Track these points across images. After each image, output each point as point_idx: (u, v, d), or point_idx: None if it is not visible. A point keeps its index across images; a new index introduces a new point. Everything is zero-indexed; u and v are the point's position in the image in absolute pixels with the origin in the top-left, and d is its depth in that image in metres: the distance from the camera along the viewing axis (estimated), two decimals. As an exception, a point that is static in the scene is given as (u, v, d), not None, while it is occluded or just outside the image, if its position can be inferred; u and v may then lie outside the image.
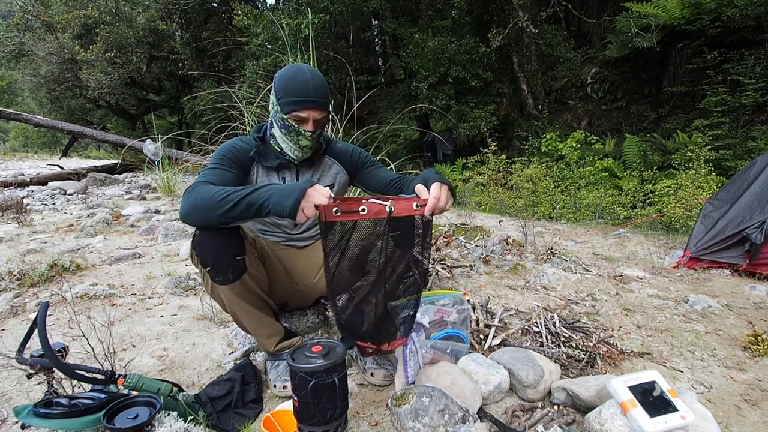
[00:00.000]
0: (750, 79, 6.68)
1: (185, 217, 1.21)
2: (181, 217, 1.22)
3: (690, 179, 5.11)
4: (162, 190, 6.43)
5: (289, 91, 1.36)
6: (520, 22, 8.35)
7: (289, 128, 1.40)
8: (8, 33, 15.02)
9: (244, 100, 3.85)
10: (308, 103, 1.36)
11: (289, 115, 1.37)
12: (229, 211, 1.14)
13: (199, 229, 1.27)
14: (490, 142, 7.46)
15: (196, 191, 1.20)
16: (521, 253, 2.98)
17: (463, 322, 1.51)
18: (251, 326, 1.44)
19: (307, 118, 1.38)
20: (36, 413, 1.06)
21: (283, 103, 1.37)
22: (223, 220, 1.16)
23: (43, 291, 2.41)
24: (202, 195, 1.18)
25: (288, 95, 1.36)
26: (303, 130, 1.39)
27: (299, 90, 1.35)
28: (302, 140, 1.41)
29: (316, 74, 1.39)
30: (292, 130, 1.40)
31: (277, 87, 1.39)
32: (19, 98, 22.96)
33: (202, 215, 1.18)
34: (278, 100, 1.38)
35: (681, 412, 1.08)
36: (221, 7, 13.60)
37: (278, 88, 1.38)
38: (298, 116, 1.37)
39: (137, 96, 17.59)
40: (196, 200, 1.18)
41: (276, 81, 1.40)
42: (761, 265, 2.51)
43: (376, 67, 14.12)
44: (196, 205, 1.18)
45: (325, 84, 1.40)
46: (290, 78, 1.37)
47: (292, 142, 1.43)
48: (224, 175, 1.34)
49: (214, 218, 1.17)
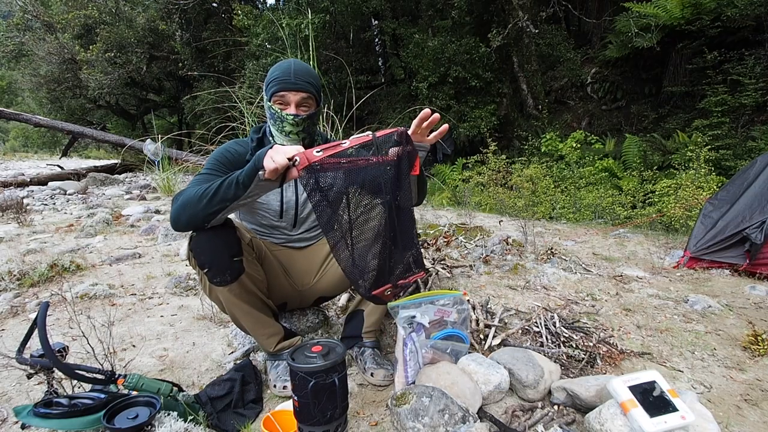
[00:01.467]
0: (750, 79, 6.67)
1: (175, 223, 1.22)
2: (171, 224, 1.23)
3: (690, 179, 5.11)
4: (162, 190, 6.44)
5: (272, 78, 1.40)
6: (520, 22, 8.35)
7: (274, 116, 1.42)
8: (8, 33, 15.00)
9: (244, 100, 3.85)
10: (287, 84, 1.38)
11: (272, 101, 1.40)
12: (211, 198, 1.15)
13: (195, 230, 1.27)
14: (490, 142, 7.45)
15: (181, 195, 1.22)
16: (521, 253, 2.98)
17: (463, 322, 1.51)
18: (250, 327, 1.44)
19: (288, 101, 1.39)
20: (36, 413, 1.06)
21: (268, 90, 1.41)
22: (209, 209, 1.17)
23: (43, 291, 2.41)
24: (185, 196, 1.20)
25: (272, 81, 1.40)
26: (285, 115, 1.40)
27: (281, 74, 1.39)
28: (286, 126, 1.42)
29: (301, 63, 1.43)
30: (277, 117, 1.42)
31: (266, 79, 1.43)
32: (19, 98, 22.95)
33: (188, 212, 1.19)
34: (266, 90, 1.42)
35: (681, 412, 1.08)
36: (221, 7, 13.59)
37: (266, 80, 1.43)
38: (280, 98, 1.39)
39: (137, 96, 17.57)
40: (181, 203, 1.20)
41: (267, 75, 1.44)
42: (761, 265, 2.51)
43: (376, 67, 14.13)
44: (182, 206, 1.19)
45: (310, 71, 1.43)
46: (275, 67, 1.43)
47: (279, 131, 1.44)
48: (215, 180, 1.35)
49: (199, 211, 1.17)
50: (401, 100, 11.12)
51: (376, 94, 11.27)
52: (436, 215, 4.54)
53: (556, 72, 10.70)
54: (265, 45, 9.49)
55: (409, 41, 9.92)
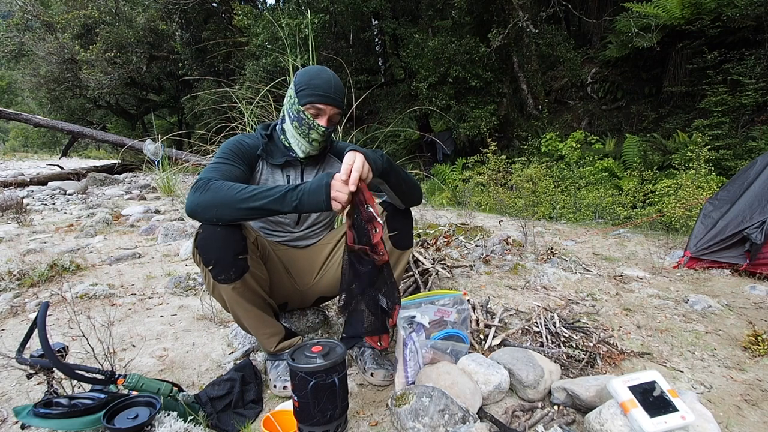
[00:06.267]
0: (750, 79, 6.67)
1: (198, 210, 1.20)
2: (191, 211, 1.21)
3: (690, 179, 5.11)
4: (162, 190, 6.44)
5: (311, 85, 1.40)
6: (520, 22, 8.35)
7: (302, 121, 1.42)
8: (8, 33, 15.01)
9: (243, 101, 3.85)
10: (328, 99, 1.40)
11: (306, 107, 1.40)
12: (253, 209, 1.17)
13: (202, 227, 1.27)
14: (490, 142, 7.45)
15: (214, 187, 1.20)
16: (521, 253, 2.98)
17: (463, 322, 1.51)
18: (252, 326, 1.44)
19: (323, 112, 1.41)
20: (36, 413, 1.06)
21: (303, 95, 1.40)
22: (240, 215, 1.19)
23: (43, 291, 2.41)
24: (220, 189, 1.19)
25: (309, 88, 1.40)
26: (316, 124, 1.41)
27: (322, 85, 1.40)
28: (313, 134, 1.43)
29: (337, 77, 1.46)
30: (305, 123, 1.42)
31: (298, 81, 1.42)
32: (19, 98, 22.97)
33: (221, 211, 1.19)
34: (297, 93, 1.41)
35: (681, 412, 1.08)
36: (221, 7, 13.60)
37: (300, 82, 1.42)
38: (316, 108, 1.40)
39: (137, 96, 17.59)
40: (215, 196, 1.19)
41: (298, 76, 1.43)
42: (761, 265, 2.51)
43: (376, 67, 14.14)
44: (213, 200, 1.19)
45: (342, 86, 1.46)
46: (314, 74, 1.42)
47: (302, 135, 1.45)
48: (231, 170, 1.35)
49: (231, 214, 1.19)
50: (401, 100, 11.13)
51: (376, 94, 11.28)
52: (436, 215, 4.54)
53: (556, 72, 10.71)
54: (265, 45, 9.49)
55: (409, 41, 9.92)
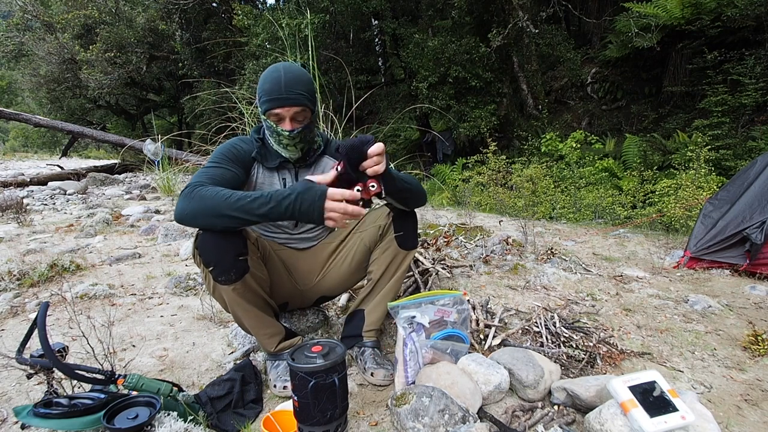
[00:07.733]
0: (750, 79, 6.67)
1: (185, 218, 1.18)
2: (179, 219, 1.19)
3: (690, 179, 5.10)
4: (162, 190, 6.44)
5: (264, 90, 1.36)
6: (520, 22, 8.34)
7: (270, 128, 1.40)
8: (8, 33, 15.00)
9: (243, 101, 3.85)
10: (279, 101, 1.34)
11: (267, 115, 1.38)
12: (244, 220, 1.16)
13: (202, 229, 1.26)
14: (490, 142, 7.45)
15: (199, 195, 1.17)
16: (521, 253, 2.98)
17: (463, 322, 1.51)
18: (252, 326, 1.44)
19: (282, 116, 1.36)
20: (36, 413, 1.06)
21: (261, 103, 1.38)
22: (231, 224, 1.17)
23: (43, 291, 2.41)
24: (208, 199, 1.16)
25: (264, 94, 1.36)
26: (281, 130, 1.38)
27: (271, 88, 1.34)
28: (282, 140, 1.41)
29: (291, 71, 1.36)
30: (273, 131, 1.40)
31: (258, 87, 1.39)
32: (19, 98, 22.96)
33: (207, 220, 1.17)
34: (258, 101, 1.39)
35: (681, 412, 1.08)
36: (221, 7, 13.59)
37: (258, 88, 1.39)
38: (274, 115, 1.37)
39: (137, 96, 17.58)
40: (200, 204, 1.16)
41: (259, 81, 1.41)
42: (761, 265, 2.51)
43: (376, 67, 14.13)
44: (201, 209, 1.16)
45: (302, 79, 1.36)
46: (265, 77, 1.37)
47: (276, 142, 1.43)
48: (223, 174, 1.33)
49: (219, 222, 1.16)
50: (401, 100, 11.12)
51: (376, 94, 11.27)
52: (436, 215, 4.54)
53: (556, 72, 10.71)
54: (265, 45, 9.48)
55: (409, 41, 9.92)
